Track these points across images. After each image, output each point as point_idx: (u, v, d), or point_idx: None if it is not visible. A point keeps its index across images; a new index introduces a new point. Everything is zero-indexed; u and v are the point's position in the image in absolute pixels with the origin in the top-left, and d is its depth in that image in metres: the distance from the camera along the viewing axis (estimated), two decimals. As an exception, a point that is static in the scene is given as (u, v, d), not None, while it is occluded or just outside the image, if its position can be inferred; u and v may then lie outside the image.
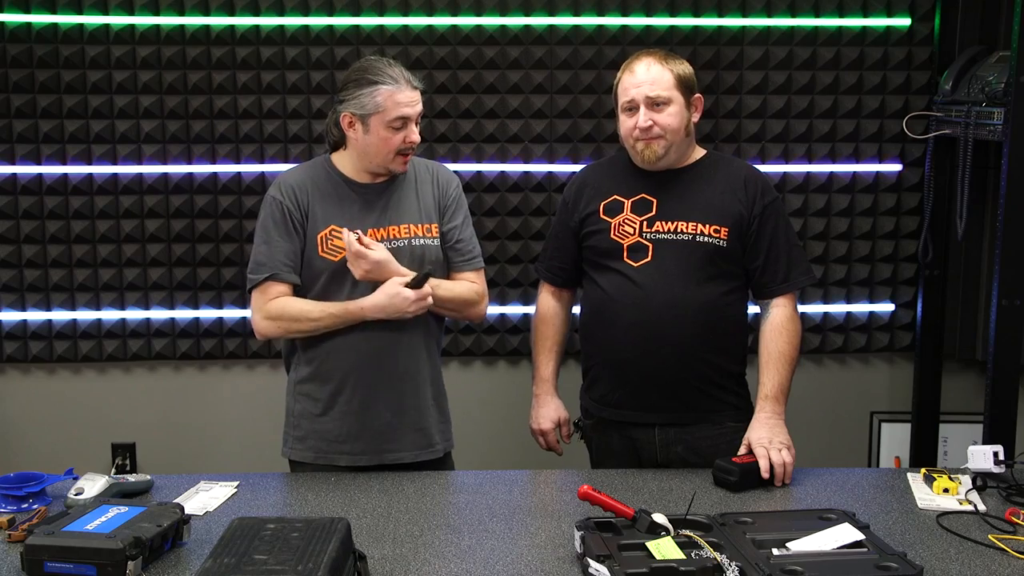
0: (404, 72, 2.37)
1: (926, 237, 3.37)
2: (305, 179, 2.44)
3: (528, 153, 3.40)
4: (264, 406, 3.49)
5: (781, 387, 2.38)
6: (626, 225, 2.43)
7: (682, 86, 2.39)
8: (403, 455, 2.44)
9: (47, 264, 3.37)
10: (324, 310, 2.36)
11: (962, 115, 3.08)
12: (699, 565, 1.72)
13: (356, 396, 2.41)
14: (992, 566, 1.84)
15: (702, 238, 2.39)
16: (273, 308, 2.38)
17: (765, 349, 2.42)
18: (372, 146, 2.37)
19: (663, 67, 2.37)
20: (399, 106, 2.33)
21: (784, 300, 2.45)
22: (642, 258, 2.41)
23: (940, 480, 2.21)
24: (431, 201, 2.49)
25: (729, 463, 2.25)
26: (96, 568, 1.72)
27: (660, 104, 2.36)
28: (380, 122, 2.34)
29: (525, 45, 3.34)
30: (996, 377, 2.82)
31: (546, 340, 2.64)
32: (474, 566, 1.84)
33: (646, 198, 2.43)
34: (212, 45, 3.30)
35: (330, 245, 2.38)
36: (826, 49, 3.39)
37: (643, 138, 2.38)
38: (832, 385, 3.58)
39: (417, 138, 2.39)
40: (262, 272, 2.38)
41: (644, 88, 2.36)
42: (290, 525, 1.75)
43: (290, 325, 2.38)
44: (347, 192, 2.43)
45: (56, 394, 3.47)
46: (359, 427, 2.42)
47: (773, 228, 2.43)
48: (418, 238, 2.44)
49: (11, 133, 3.30)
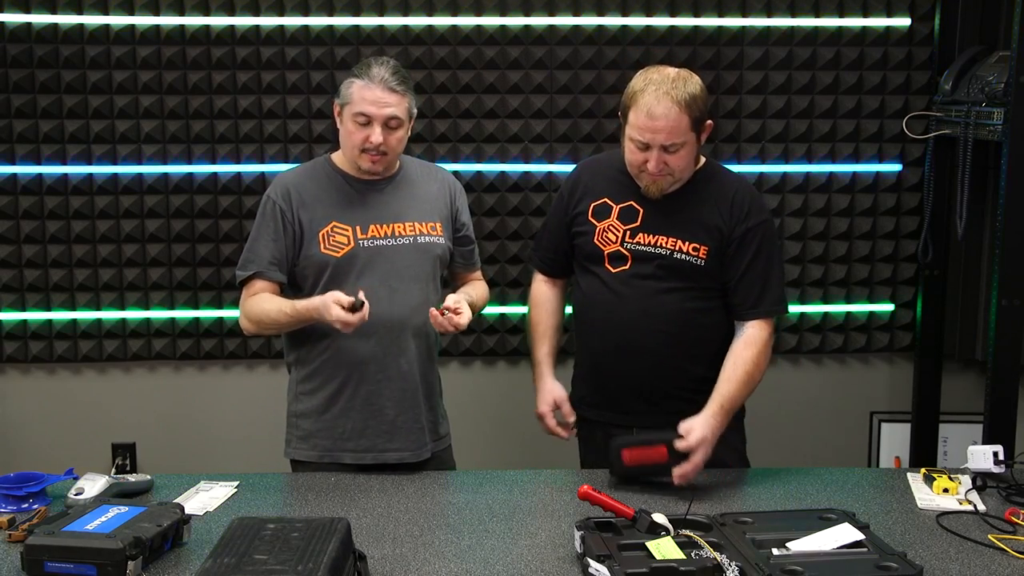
0: (388, 75, 2.35)
1: (926, 237, 3.37)
2: (302, 179, 2.46)
3: (528, 153, 3.39)
4: (264, 406, 3.48)
5: (732, 400, 2.32)
6: (610, 232, 2.42)
7: (695, 124, 2.30)
8: (405, 454, 2.45)
9: (47, 264, 3.37)
10: (280, 309, 2.38)
11: (962, 115, 3.08)
12: (699, 565, 1.72)
13: (359, 394, 2.42)
14: (992, 566, 1.85)
15: (680, 255, 2.37)
16: (248, 306, 2.43)
17: (728, 362, 2.36)
18: (344, 137, 2.43)
19: (681, 111, 2.25)
20: (363, 102, 2.35)
21: (758, 324, 2.38)
22: (620, 266, 2.41)
23: (940, 480, 2.21)
24: (436, 201, 2.51)
25: (619, 457, 2.24)
26: (96, 568, 1.72)
27: (674, 151, 2.30)
28: (348, 114, 2.38)
29: (525, 45, 3.34)
30: (996, 377, 2.82)
31: (539, 325, 2.61)
32: (474, 566, 1.85)
33: (634, 206, 2.41)
34: (212, 45, 3.30)
35: (332, 241, 2.40)
36: (826, 49, 3.39)
37: (652, 175, 2.34)
38: (832, 385, 3.58)
39: (378, 139, 2.36)
40: (248, 269, 2.43)
41: (660, 137, 2.27)
42: (290, 525, 1.75)
43: (260, 321, 2.42)
44: (348, 189, 2.45)
45: (56, 394, 3.47)
46: (362, 425, 2.43)
47: (754, 252, 2.37)
48: (424, 235, 2.46)
49: (11, 133, 3.30)
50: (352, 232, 2.41)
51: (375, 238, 2.42)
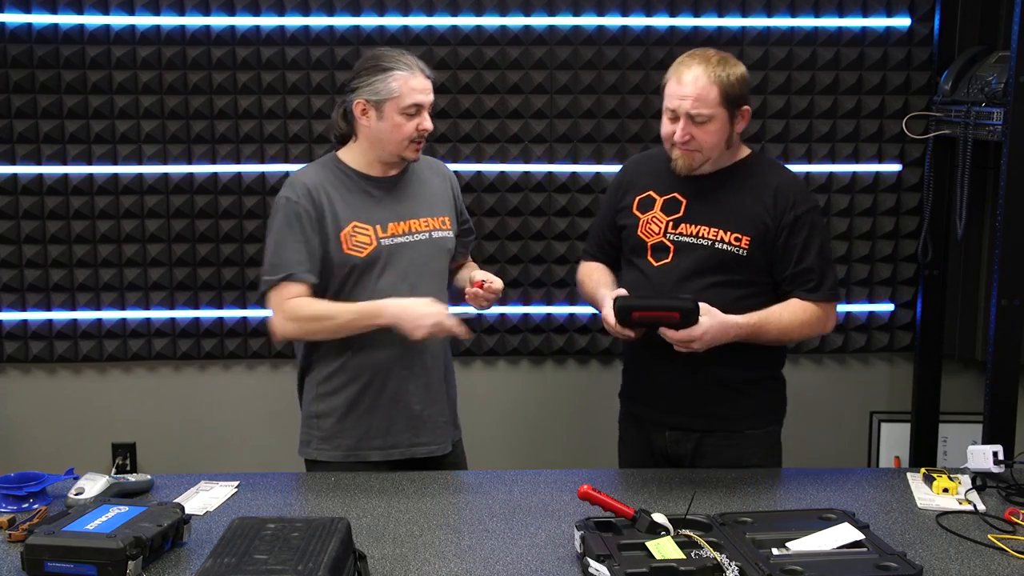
0: (417, 60, 2.40)
1: (926, 237, 3.37)
2: (319, 178, 2.43)
3: (528, 153, 3.40)
4: (264, 406, 3.49)
5: (760, 326, 2.32)
6: (653, 224, 2.44)
7: (727, 101, 2.31)
8: (433, 447, 2.47)
9: (47, 264, 3.37)
10: (342, 309, 2.35)
11: (961, 115, 3.08)
12: (699, 565, 1.72)
13: (385, 391, 2.43)
14: (992, 566, 1.85)
15: (721, 245, 2.37)
16: (291, 309, 2.36)
17: (780, 304, 2.37)
18: (386, 133, 2.38)
19: (710, 81, 2.29)
20: (413, 92, 2.36)
21: (821, 305, 2.39)
22: (663, 258, 2.42)
23: (940, 480, 2.22)
24: (440, 194, 2.53)
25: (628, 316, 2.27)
26: (96, 568, 1.72)
27: (701, 122, 2.32)
28: (394, 108, 2.35)
29: (525, 45, 3.34)
30: (996, 377, 2.82)
31: (590, 278, 2.57)
32: (474, 566, 1.85)
33: (677, 198, 2.43)
34: (212, 45, 3.30)
35: (354, 242, 2.39)
36: (826, 49, 3.39)
37: (680, 148, 2.36)
38: (832, 385, 3.58)
39: (430, 125, 2.41)
40: (278, 273, 2.37)
41: (687, 103, 2.30)
42: (290, 525, 1.75)
43: (309, 325, 2.37)
44: (363, 187, 2.44)
45: (56, 394, 3.47)
46: (388, 422, 2.43)
47: (806, 238, 2.37)
48: (436, 231, 2.49)
49: (12, 133, 3.30)
50: (373, 231, 2.40)
51: (395, 236, 2.42)
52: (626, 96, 3.37)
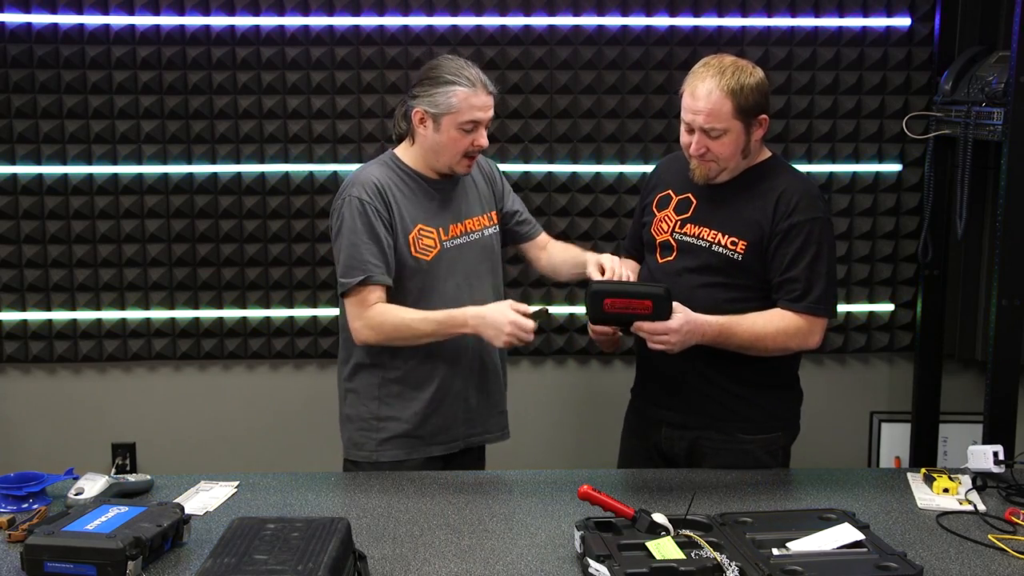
0: (481, 75, 2.36)
1: (926, 237, 3.37)
2: (385, 178, 2.39)
3: (528, 153, 3.40)
4: (264, 406, 3.49)
5: (727, 326, 2.28)
6: (664, 222, 2.46)
7: (741, 112, 2.27)
8: (489, 436, 2.55)
9: (47, 264, 3.37)
10: (424, 320, 2.33)
11: (962, 115, 3.08)
12: (699, 565, 1.72)
13: (453, 390, 2.45)
14: (992, 566, 1.85)
15: (718, 248, 2.37)
16: (372, 318, 2.34)
17: (756, 313, 2.34)
18: (441, 145, 2.37)
19: (724, 94, 2.25)
20: (473, 109, 2.34)
21: (802, 317, 2.33)
22: (667, 256, 2.45)
23: (940, 480, 2.21)
24: (485, 189, 2.55)
25: (600, 305, 2.21)
26: (96, 568, 1.72)
27: (715, 136, 2.29)
28: (452, 123, 2.34)
29: (525, 45, 3.34)
30: (996, 377, 2.82)
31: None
32: (474, 566, 1.85)
33: (689, 199, 2.44)
34: (212, 45, 3.30)
35: (421, 245, 2.39)
36: (826, 49, 3.39)
37: (696, 159, 2.35)
38: (832, 385, 3.58)
39: (486, 142, 2.39)
40: (355, 276, 2.33)
41: (700, 119, 2.28)
42: (290, 525, 1.75)
43: (392, 334, 2.35)
44: (425, 189, 2.43)
45: (56, 394, 3.47)
46: (452, 418, 2.47)
47: (799, 247, 2.32)
48: (487, 228, 2.51)
49: (11, 133, 3.30)
50: (437, 234, 2.41)
51: (455, 238, 2.43)
52: (626, 96, 3.37)
